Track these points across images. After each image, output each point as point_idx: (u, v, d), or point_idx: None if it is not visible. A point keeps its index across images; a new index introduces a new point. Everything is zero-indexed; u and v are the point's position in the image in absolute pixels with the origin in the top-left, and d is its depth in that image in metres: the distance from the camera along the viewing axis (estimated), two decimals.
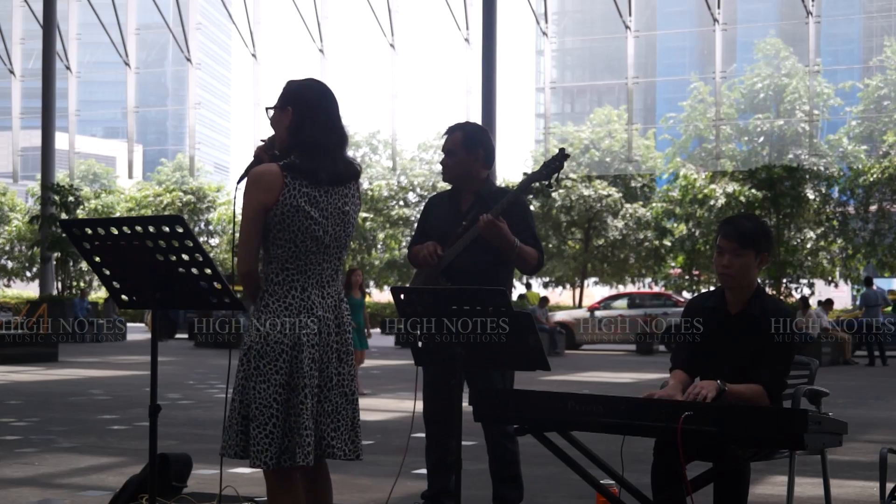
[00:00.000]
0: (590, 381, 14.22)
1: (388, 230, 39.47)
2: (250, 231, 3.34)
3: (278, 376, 3.31)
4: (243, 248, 3.36)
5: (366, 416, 9.42)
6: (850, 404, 10.90)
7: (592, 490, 4.20)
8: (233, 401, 3.37)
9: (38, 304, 25.93)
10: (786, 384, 3.99)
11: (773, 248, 3.99)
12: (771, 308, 3.90)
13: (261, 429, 3.28)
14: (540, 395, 3.87)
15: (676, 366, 3.99)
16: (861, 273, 33.45)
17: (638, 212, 35.37)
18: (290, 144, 3.44)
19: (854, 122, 42.98)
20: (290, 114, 3.43)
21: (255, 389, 3.30)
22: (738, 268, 3.86)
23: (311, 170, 3.37)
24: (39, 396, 11.19)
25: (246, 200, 3.35)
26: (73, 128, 38.04)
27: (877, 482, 4.49)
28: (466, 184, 4.83)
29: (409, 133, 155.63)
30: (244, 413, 3.33)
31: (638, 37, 33.10)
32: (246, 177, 3.50)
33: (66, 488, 5.72)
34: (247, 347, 3.36)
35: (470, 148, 4.79)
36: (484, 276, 4.58)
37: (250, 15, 35.11)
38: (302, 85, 3.51)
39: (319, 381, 3.40)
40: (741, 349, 3.86)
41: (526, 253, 4.67)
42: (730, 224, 3.93)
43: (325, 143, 3.42)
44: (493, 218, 4.55)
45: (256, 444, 3.27)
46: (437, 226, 4.87)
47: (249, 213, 3.34)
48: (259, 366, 3.31)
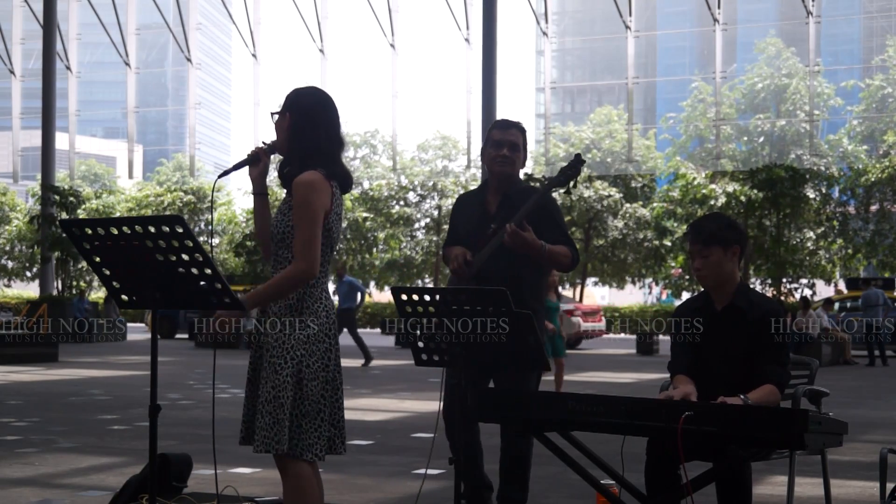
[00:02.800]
0: (590, 381, 14.22)
1: (388, 230, 39.48)
2: (318, 235, 3.48)
3: (325, 373, 3.51)
4: (313, 251, 3.46)
5: (366, 416, 9.44)
6: (850, 404, 10.90)
7: (593, 490, 4.20)
8: (276, 398, 3.44)
9: (38, 304, 25.95)
10: (790, 374, 4.04)
11: (744, 240, 4.04)
12: (757, 300, 3.94)
13: (314, 424, 3.47)
14: (540, 395, 3.87)
15: (678, 371, 4.01)
16: (861, 273, 33.49)
17: (638, 212, 35.40)
18: (290, 150, 3.57)
19: (855, 122, 43.00)
20: (289, 119, 3.56)
21: (307, 387, 3.47)
22: (710, 266, 3.94)
23: (343, 177, 3.58)
24: (39, 396, 11.19)
25: (311, 206, 3.46)
26: (73, 128, 38.06)
27: (877, 482, 4.48)
28: (509, 181, 4.83)
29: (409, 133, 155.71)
30: (294, 410, 3.46)
31: (638, 37, 33.11)
32: (232, 171, 3.71)
33: (66, 488, 5.72)
34: (289, 347, 3.47)
35: (525, 147, 4.86)
36: (517, 279, 4.55)
37: (250, 15, 35.13)
38: (303, 92, 3.63)
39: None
40: (733, 343, 3.90)
41: (557, 253, 4.65)
42: (692, 227, 4.03)
43: (329, 150, 3.55)
44: (517, 228, 4.52)
45: (309, 439, 3.46)
46: (465, 226, 4.86)
47: (316, 219, 3.47)
48: (310, 364, 3.48)
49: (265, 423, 3.44)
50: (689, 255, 4.04)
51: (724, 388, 3.76)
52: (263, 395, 3.47)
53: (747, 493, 3.80)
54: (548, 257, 4.63)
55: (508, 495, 4.70)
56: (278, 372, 3.45)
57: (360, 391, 12.24)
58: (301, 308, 3.50)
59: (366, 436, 8.00)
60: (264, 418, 3.44)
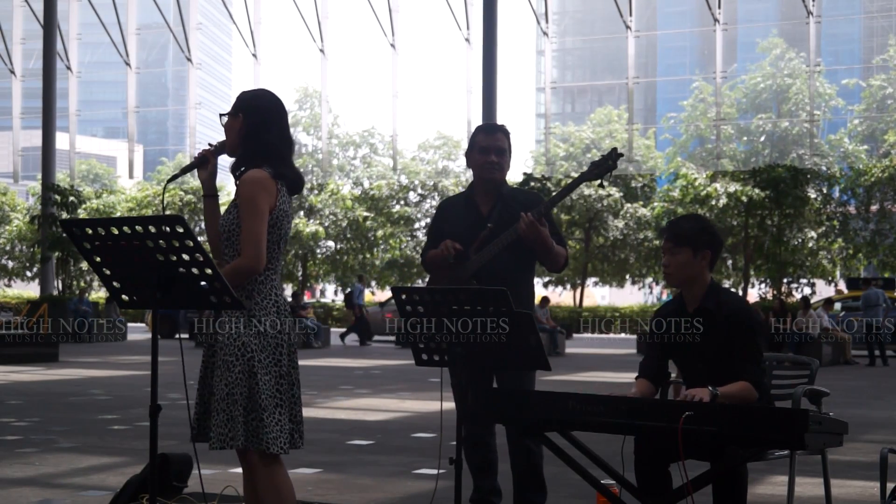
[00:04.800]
0: (590, 381, 14.22)
1: (388, 230, 39.46)
2: (263, 230, 3.52)
3: (277, 368, 3.55)
4: (259, 247, 3.51)
5: (366, 416, 9.44)
6: (850, 404, 10.90)
7: (593, 490, 4.20)
8: (229, 394, 3.50)
9: (38, 304, 25.93)
10: (765, 372, 4.05)
11: (718, 246, 4.05)
12: (726, 300, 3.97)
13: (273, 417, 3.50)
14: (540, 395, 3.87)
15: (642, 374, 4.09)
16: (861, 273, 33.45)
17: (638, 212, 35.38)
18: (244, 150, 3.64)
19: (856, 122, 42.98)
20: (241, 120, 3.63)
21: (261, 382, 3.49)
22: (675, 265, 3.99)
23: (294, 178, 3.65)
24: (40, 396, 11.19)
25: (256, 202, 3.52)
26: (73, 128, 38.04)
27: (877, 482, 4.48)
28: (498, 185, 4.81)
29: (410, 133, 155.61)
30: (249, 405, 3.49)
31: (638, 37, 33.09)
32: (180, 175, 3.86)
33: (66, 488, 5.72)
34: (240, 344, 3.51)
35: (510, 151, 4.83)
36: (513, 279, 4.53)
37: (251, 15, 35.11)
38: (255, 94, 3.72)
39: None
40: (707, 343, 3.93)
41: (558, 253, 4.67)
42: (668, 225, 4.08)
43: (280, 150, 3.64)
44: (535, 220, 4.51)
45: (272, 432, 3.48)
46: (454, 230, 4.78)
47: (262, 214, 3.52)
48: (261, 359, 3.51)
49: (220, 420, 3.51)
50: (661, 251, 4.09)
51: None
52: (218, 393, 3.53)
53: (743, 494, 3.81)
54: (553, 255, 4.65)
55: (530, 499, 4.67)
56: (230, 369, 3.51)
57: (360, 391, 12.24)
58: (251, 306, 3.55)
59: (366, 436, 8.00)
60: (219, 415, 3.51)
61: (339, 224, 38.78)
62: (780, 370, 4.65)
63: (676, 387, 4.21)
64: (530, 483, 4.66)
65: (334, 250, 40.02)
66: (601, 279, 39.09)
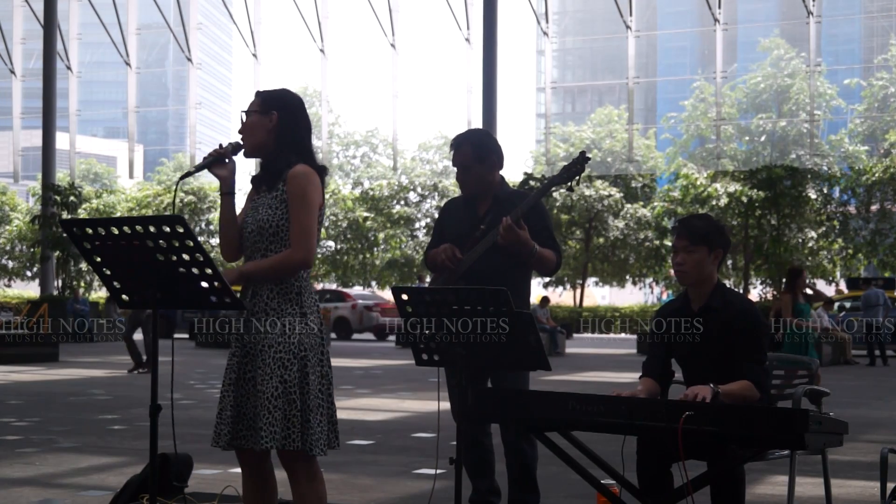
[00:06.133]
0: (590, 381, 14.22)
1: (388, 230, 39.47)
2: (314, 225, 3.57)
3: (321, 368, 3.58)
4: (312, 241, 3.55)
5: (366, 416, 9.44)
6: (850, 404, 10.90)
7: (593, 490, 4.20)
8: (286, 393, 3.48)
9: (38, 304, 25.93)
10: (768, 372, 4.05)
11: (728, 245, 4.08)
12: (732, 300, 3.97)
13: (317, 419, 3.51)
14: (540, 395, 3.87)
15: (645, 373, 4.07)
16: (861, 273, 33.44)
17: (639, 212, 35.38)
18: (279, 147, 3.63)
19: (857, 121, 43.00)
20: (275, 118, 3.63)
21: (311, 382, 3.51)
22: (692, 264, 3.96)
23: (323, 173, 3.67)
24: (40, 396, 11.19)
25: (309, 197, 3.55)
26: (73, 128, 38.06)
27: (877, 482, 4.49)
28: (485, 192, 4.79)
29: (410, 133, 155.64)
30: (304, 406, 3.50)
31: (639, 36, 33.11)
32: (196, 171, 3.80)
33: (66, 488, 5.72)
34: (296, 342, 3.51)
35: (482, 158, 4.73)
36: (501, 279, 4.48)
37: (251, 15, 35.14)
38: (284, 93, 3.73)
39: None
40: (711, 342, 3.93)
41: (544, 256, 4.64)
42: (681, 224, 4.07)
43: (310, 146, 3.68)
44: (513, 223, 4.50)
45: (314, 434, 3.49)
46: (453, 230, 4.81)
47: (314, 209, 3.56)
48: (310, 357, 3.53)
49: (274, 419, 3.46)
50: (673, 249, 4.07)
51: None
52: (269, 392, 3.47)
53: (741, 494, 3.81)
54: (537, 258, 4.63)
55: (523, 499, 4.68)
56: (287, 368, 3.49)
57: (360, 391, 12.24)
58: (302, 304, 3.56)
59: (366, 436, 8.00)
60: (273, 414, 3.46)
61: (339, 224, 38.79)
62: (779, 370, 4.65)
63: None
64: (523, 484, 4.68)
65: (334, 250, 40.03)
66: (601, 279, 39.10)
